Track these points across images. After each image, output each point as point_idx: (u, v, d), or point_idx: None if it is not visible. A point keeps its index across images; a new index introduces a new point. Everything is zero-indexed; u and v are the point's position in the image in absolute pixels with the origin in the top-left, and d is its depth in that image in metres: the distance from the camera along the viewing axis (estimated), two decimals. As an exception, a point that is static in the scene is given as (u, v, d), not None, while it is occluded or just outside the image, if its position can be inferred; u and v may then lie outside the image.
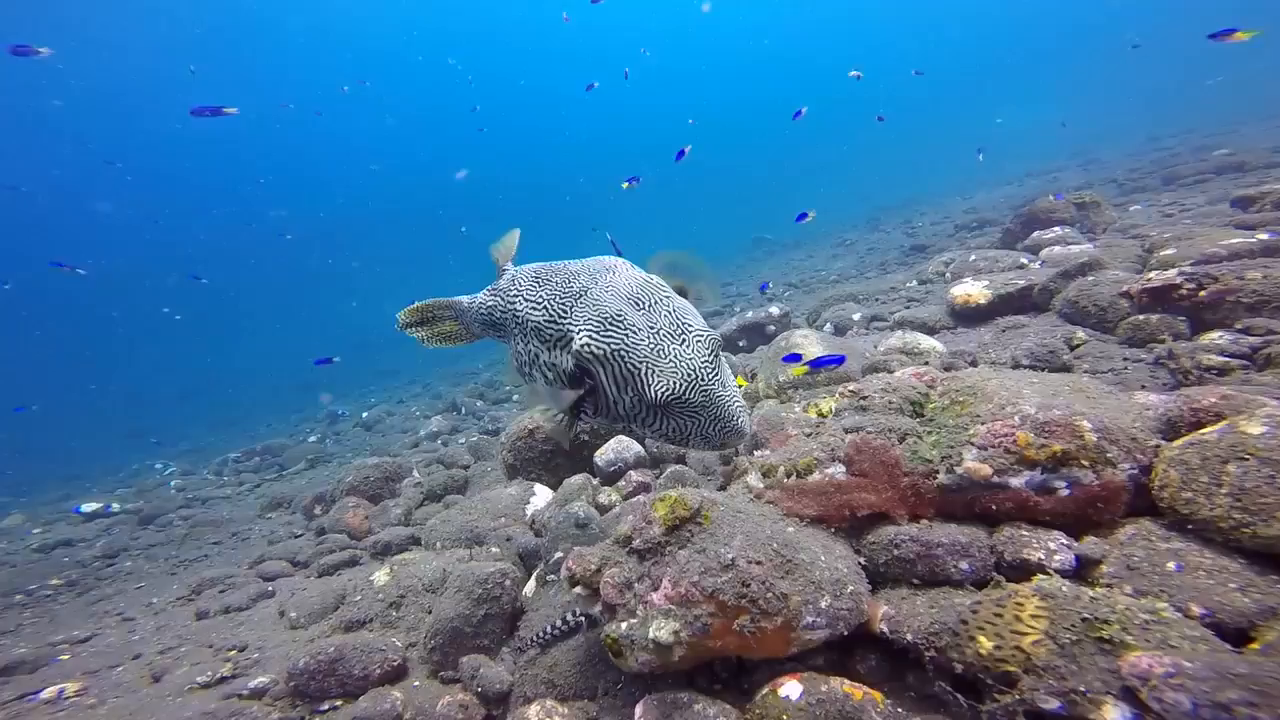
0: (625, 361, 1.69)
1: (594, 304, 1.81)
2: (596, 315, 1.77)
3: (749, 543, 1.77)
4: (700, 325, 1.78)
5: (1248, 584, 1.26)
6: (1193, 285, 2.75)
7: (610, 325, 1.73)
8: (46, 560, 5.58)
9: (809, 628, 1.63)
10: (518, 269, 2.22)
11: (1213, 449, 1.39)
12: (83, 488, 11.73)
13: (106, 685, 2.37)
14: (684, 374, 1.65)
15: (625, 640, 1.76)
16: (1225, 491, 1.31)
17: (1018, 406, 1.70)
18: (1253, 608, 1.23)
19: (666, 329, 1.72)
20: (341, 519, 4.22)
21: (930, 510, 1.78)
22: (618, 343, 1.70)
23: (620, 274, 1.91)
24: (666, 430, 1.75)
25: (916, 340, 4.07)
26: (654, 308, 1.78)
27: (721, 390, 1.70)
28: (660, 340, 1.70)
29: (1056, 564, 1.49)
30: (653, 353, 1.68)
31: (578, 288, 1.89)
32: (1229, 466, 1.33)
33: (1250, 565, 1.30)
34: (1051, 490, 1.58)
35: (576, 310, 1.83)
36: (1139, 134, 17.43)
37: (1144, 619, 1.18)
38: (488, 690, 2.04)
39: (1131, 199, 8.86)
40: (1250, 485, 1.29)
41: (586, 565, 1.94)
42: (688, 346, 1.70)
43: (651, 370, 1.66)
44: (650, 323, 1.73)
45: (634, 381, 1.69)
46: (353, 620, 2.43)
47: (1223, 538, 1.34)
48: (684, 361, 1.67)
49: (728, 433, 1.69)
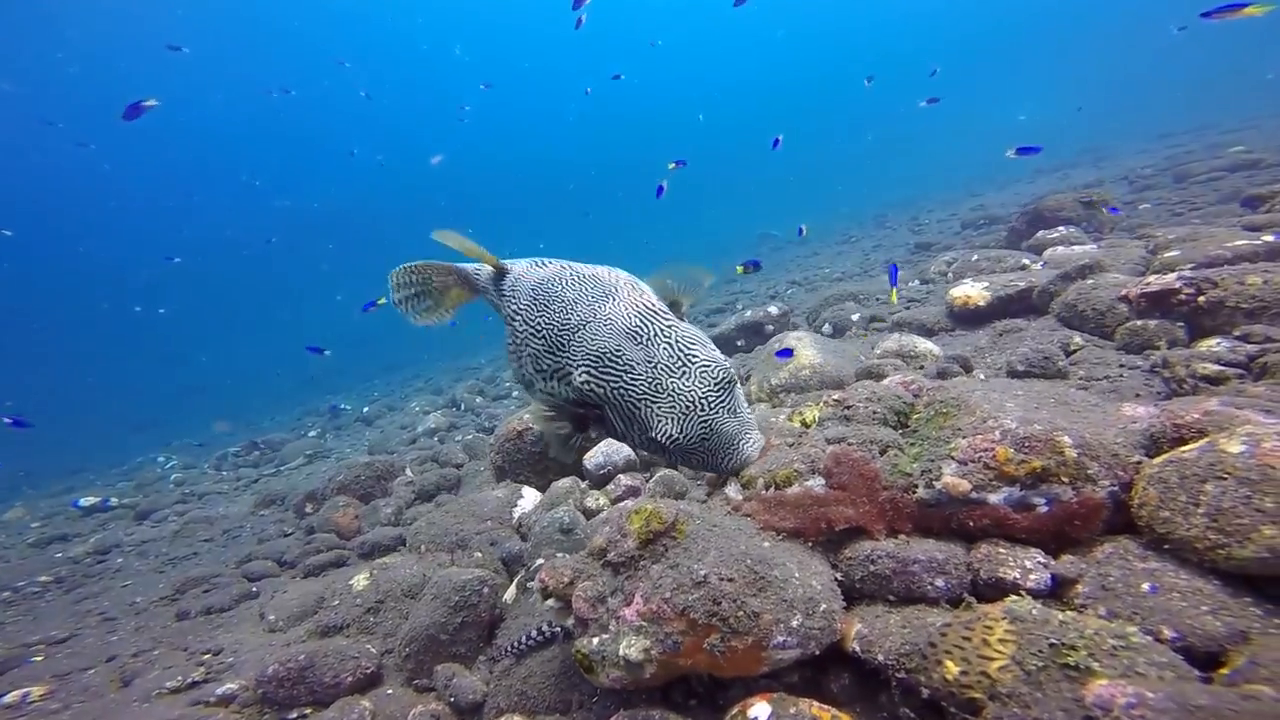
0: (625, 401, 1.71)
1: (590, 340, 1.79)
2: (594, 351, 1.76)
3: (722, 559, 1.73)
4: (706, 356, 1.76)
5: (1220, 606, 1.23)
6: (1191, 290, 2.67)
7: (608, 363, 1.74)
8: (40, 555, 5.62)
9: (780, 647, 1.59)
10: (518, 274, 2.17)
11: (1191, 467, 1.34)
12: (86, 480, 11.84)
13: (74, 689, 2.36)
14: (683, 413, 1.67)
15: (596, 656, 1.72)
16: (1202, 511, 1.26)
17: (999, 420, 1.65)
18: (1223, 631, 1.19)
19: (666, 363, 1.72)
20: (331, 518, 4.21)
21: (909, 525, 1.74)
22: (616, 382, 1.72)
23: (620, 302, 1.88)
24: (674, 460, 1.82)
25: (913, 343, 4.01)
26: (652, 341, 1.76)
27: (726, 421, 1.74)
28: (659, 375, 1.70)
29: (1032, 583, 1.45)
30: (651, 390, 1.69)
31: (575, 321, 1.87)
32: (1207, 486, 1.28)
33: (1224, 587, 1.26)
34: (1030, 507, 1.54)
35: (574, 345, 1.83)
36: (1152, 130, 17.18)
37: (1112, 644, 1.14)
38: (460, 700, 2.01)
39: (1142, 197, 8.72)
40: (1227, 505, 1.25)
41: (560, 577, 1.91)
42: (689, 380, 1.70)
43: (651, 411, 1.68)
44: (649, 357, 1.73)
45: (636, 420, 1.72)
46: (329, 625, 2.41)
47: (1198, 558, 1.30)
48: (683, 398, 1.68)
49: (732, 462, 1.81)
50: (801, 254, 16.74)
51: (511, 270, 2.22)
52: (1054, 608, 1.37)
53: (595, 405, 1.82)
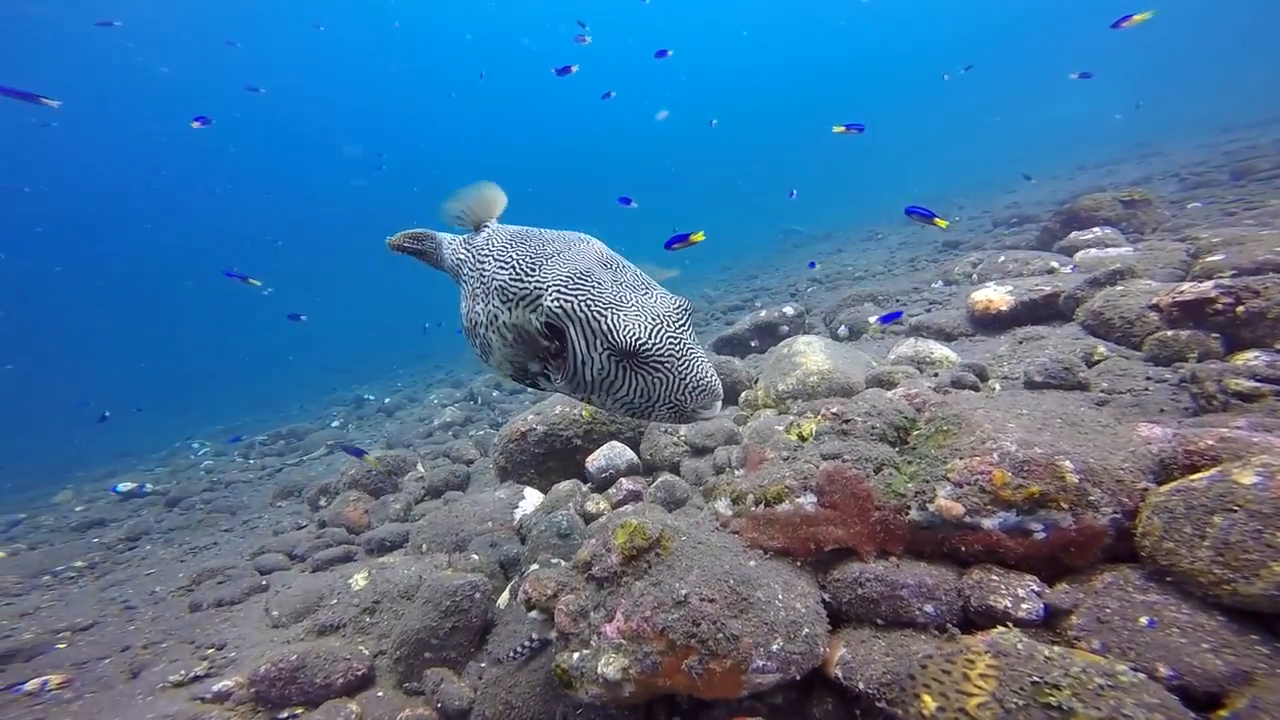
0: (592, 310, 1.63)
1: (563, 263, 1.78)
2: (565, 272, 1.74)
3: (705, 578, 1.69)
4: (662, 288, 1.75)
5: (1222, 644, 1.15)
6: (1230, 299, 2.51)
7: (578, 280, 1.70)
8: (79, 540, 5.88)
9: (759, 671, 1.54)
10: (497, 228, 2.17)
11: (1200, 497, 1.25)
12: (129, 465, 12.31)
13: (88, 679, 2.46)
14: (650, 319, 1.59)
15: (576, 672, 1.71)
16: (1208, 544, 1.18)
17: (998, 442, 1.57)
18: (1225, 671, 1.11)
19: (631, 284, 1.70)
20: (342, 512, 4.28)
21: (900, 547, 1.67)
22: (585, 294, 1.66)
23: (593, 244, 1.90)
24: (634, 394, 1.63)
25: (929, 348, 3.89)
26: (621, 269, 1.77)
27: (693, 345, 1.62)
28: (624, 291, 1.67)
29: (1024, 613, 1.38)
30: (618, 300, 1.64)
31: (550, 251, 1.87)
32: (1215, 518, 1.19)
33: (1228, 624, 1.18)
34: (1027, 533, 1.46)
35: (544, 268, 1.80)
36: (1215, 123, 16.23)
37: (1099, 684, 1.07)
38: (447, 706, 2.02)
39: (1192, 195, 8.28)
40: (1234, 539, 1.16)
41: (543, 590, 1.90)
42: (652, 298, 1.67)
43: (618, 315, 1.60)
44: (615, 278, 1.72)
45: (601, 330, 1.60)
46: (326, 624, 2.45)
47: (1202, 593, 1.21)
48: (650, 309, 1.62)
49: (700, 392, 1.56)
50: (825, 251, 16.43)
51: (487, 228, 2.24)
52: (1044, 640, 1.31)
53: (559, 337, 1.74)
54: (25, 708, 2.30)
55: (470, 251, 2.14)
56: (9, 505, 9.88)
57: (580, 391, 1.76)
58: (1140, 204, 6.96)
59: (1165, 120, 20.05)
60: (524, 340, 1.82)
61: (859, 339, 5.33)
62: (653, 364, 1.57)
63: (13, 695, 2.41)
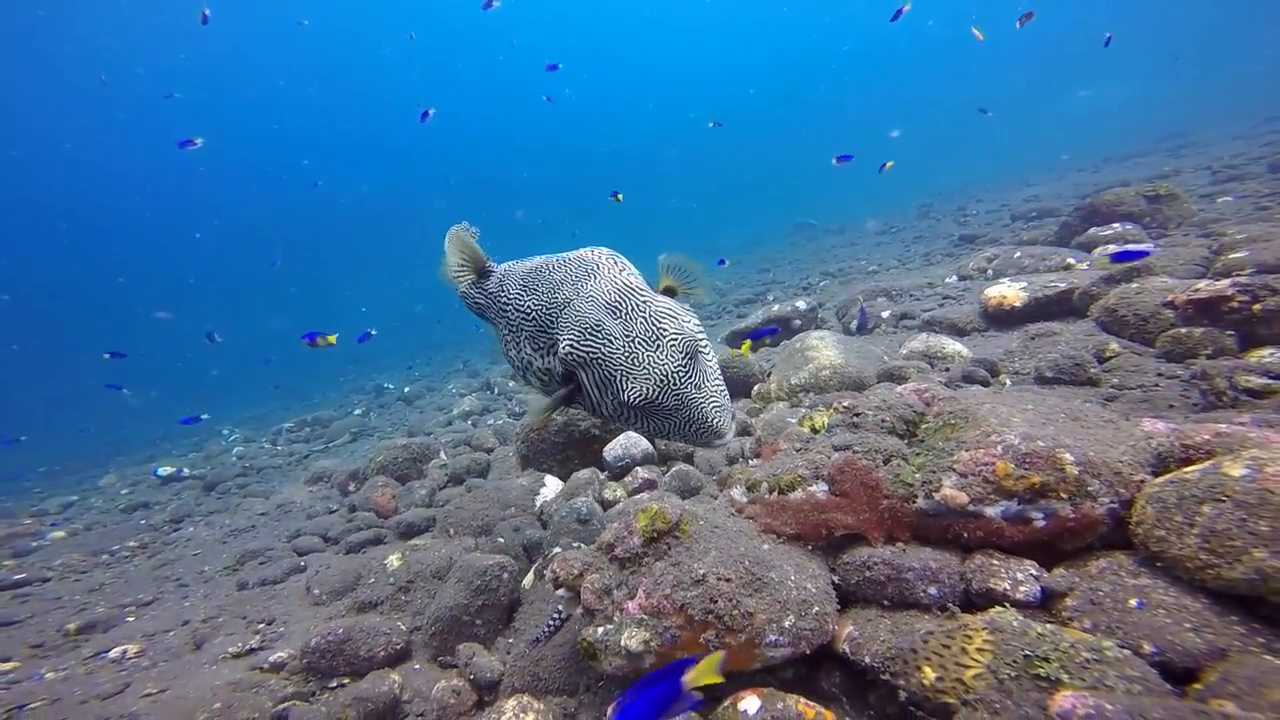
0: (602, 369, 1.86)
1: (575, 315, 1.96)
2: (578, 325, 1.93)
3: (721, 559, 1.81)
4: (675, 329, 1.87)
5: (1204, 624, 1.24)
6: (1247, 297, 2.55)
7: (589, 335, 1.89)
8: (128, 522, 6.21)
9: (772, 645, 1.66)
10: (504, 270, 2.34)
11: (1192, 488, 1.34)
12: (164, 450, 12.76)
13: (159, 649, 2.69)
14: (656, 381, 1.79)
15: (600, 645, 1.83)
16: (1196, 532, 1.27)
17: (1003, 436, 1.66)
18: (1203, 648, 1.21)
19: (641, 336, 1.85)
20: (371, 498, 4.47)
21: (906, 533, 1.77)
22: (596, 351, 1.87)
23: (601, 279, 2.02)
24: (648, 428, 1.90)
25: (941, 344, 3.95)
26: (630, 315, 1.90)
27: (695, 393, 1.83)
28: (635, 348, 1.83)
29: (1022, 595, 1.47)
30: (627, 360, 1.83)
31: (561, 299, 2.04)
32: (1204, 507, 1.28)
33: (1211, 606, 1.28)
34: (1027, 521, 1.55)
35: (561, 320, 2.00)
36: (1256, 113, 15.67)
37: (1086, 657, 1.17)
38: (479, 678, 2.17)
39: (1224, 189, 8.10)
40: (1221, 528, 1.25)
41: (570, 569, 2.03)
42: (661, 353, 1.82)
43: (625, 377, 1.81)
44: (626, 331, 1.86)
45: (611, 386, 1.85)
46: (366, 601, 2.61)
47: (1189, 577, 1.31)
48: (657, 369, 1.80)
49: (703, 433, 1.84)
50: (838, 244, 16.34)
51: (496, 269, 2.39)
52: (1040, 620, 1.40)
53: (574, 376, 1.98)
54: (113, 672, 2.55)
55: (488, 298, 2.35)
56: (61, 487, 10.41)
57: (606, 421, 2.06)
58: (1166, 199, 6.85)
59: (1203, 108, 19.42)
60: (555, 380, 2.09)
61: (872, 333, 5.39)
62: (660, 415, 1.84)
63: (101, 662, 2.67)
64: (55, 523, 6.57)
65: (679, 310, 1.96)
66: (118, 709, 2.21)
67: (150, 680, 2.37)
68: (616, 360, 1.84)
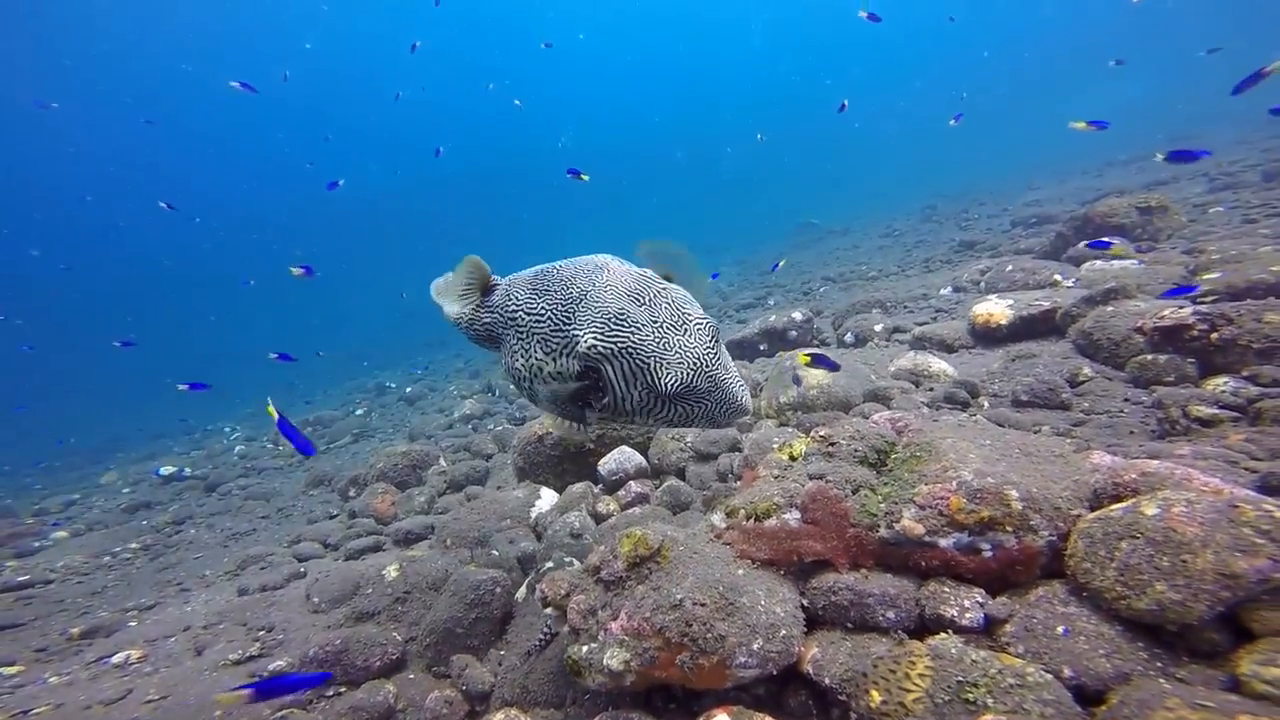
0: (634, 358, 1.80)
1: (596, 305, 1.87)
2: (600, 316, 1.84)
3: (698, 584, 1.93)
4: (698, 314, 1.87)
5: (1115, 650, 1.37)
6: (1205, 326, 2.65)
7: (615, 324, 1.82)
8: (130, 522, 6.35)
9: (741, 666, 1.78)
10: (509, 281, 2.19)
11: (1114, 525, 1.48)
12: (165, 447, 12.90)
13: (160, 655, 2.80)
14: (690, 364, 1.77)
15: (585, 662, 1.96)
16: (1114, 565, 1.41)
17: (958, 471, 1.78)
18: (1111, 672, 1.34)
19: (669, 322, 1.82)
20: (370, 504, 4.60)
21: (870, 561, 1.89)
22: (625, 340, 1.80)
23: (614, 271, 1.94)
24: (674, 417, 1.88)
25: (927, 362, 4.05)
26: (654, 301, 1.86)
27: (725, 374, 1.84)
28: (665, 334, 1.80)
29: (967, 621, 1.60)
30: (659, 346, 1.79)
31: (576, 292, 1.93)
32: (1122, 543, 1.41)
33: (1124, 633, 1.40)
34: (977, 551, 1.68)
35: (579, 314, 1.89)
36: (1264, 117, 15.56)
37: (1010, 683, 1.30)
38: (471, 689, 2.29)
39: (1218, 198, 8.14)
40: (1133, 563, 1.39)
41: (558, 589, 2.15)
42: (690, 336, 1.81)
43: (660, 364, 1.78)
44: (653, 317, 1.82)
45: (644, 375, 1.79)
46: (363, 611, 2.74)
47: (1107, 607, 1.44)
48: (689, 352, 1.78)
49: (732, 412, 1.87)
50: (842, 246, 16.39)
51: (500, 282, 2.24)
52: (981, 645, 1.53)
53: (595, 374, 1.88)
54: (115, 678, 2.67)
55: (495, 314, 2.17)
56: (62, 484, 10.54)
57: (620, 418, 1.94)
58: (1157, 210, 6.92)
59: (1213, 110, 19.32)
60: (567, 381, 1.95)
61: (865, 346, 5.49)
62: (692, 400, 1.81)
63: (104, 667, 2.78)
64: (57, 522, 6.71)
65: (691, 298, 1.94)
66: (120, 715, 2.33)
67: (152, 686, 2.48)
68: (648, 348, 1.78)
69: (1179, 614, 1.26)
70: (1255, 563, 1.22)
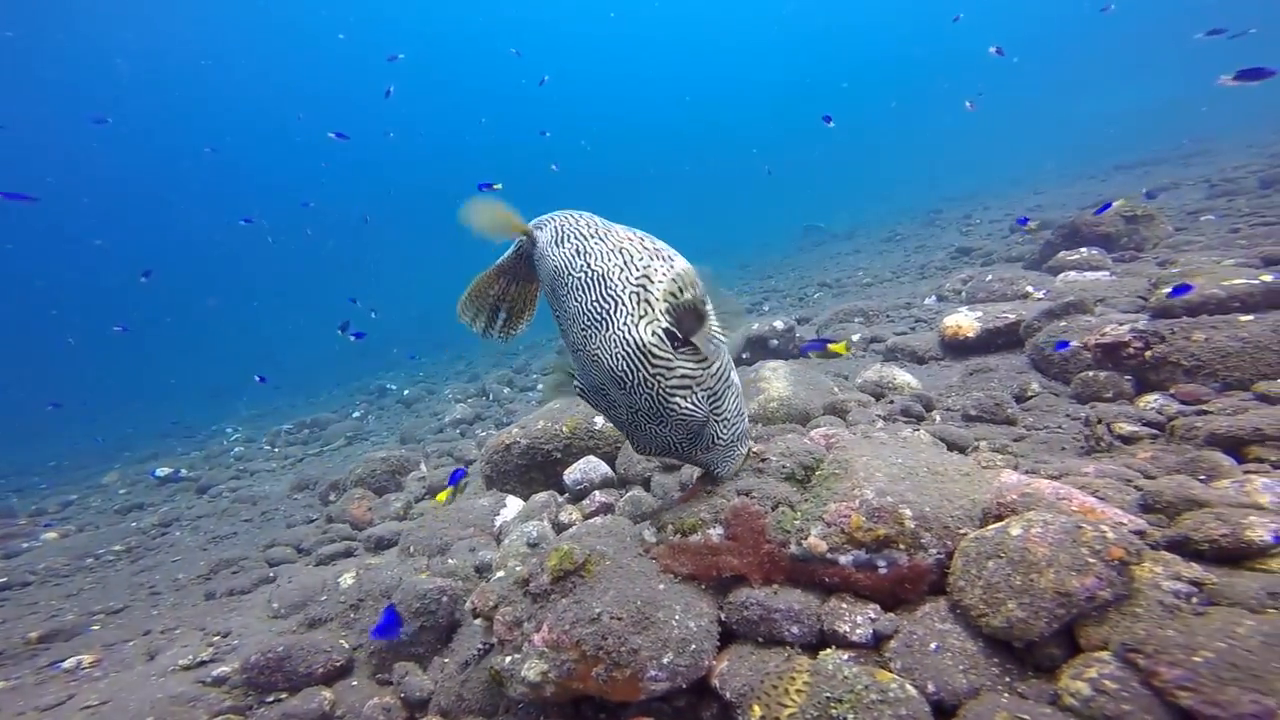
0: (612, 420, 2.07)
1: (583, 367, 2.04)
2: (585, 380, 2.06)
3: (618, 598, 1.98)
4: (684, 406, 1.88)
5: (972, 666, 1.43)
6: (1140, 344, 2.67)
7: (596, 394, 2.04)
8: (120, 523, 6.47)
9: (653, 679, 1.83)
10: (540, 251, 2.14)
11: (986, 544, 1.54)
12: (170, 447, 13.08)
13: (115, 660, 2.87)
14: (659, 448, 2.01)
15: (506, 673, 2.02)
16: (980, 584, 1.47)
17: (862, 490, 1.83)
18: (965, 688, 1.39)
19: (646, 412, 1.93)
20: (347, 509, 4.69)
21: (781, 576, 1.94)
22: (604, 409, 2.05)
23: (612, 331, 1.88)
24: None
25: (892, 375, 4.08)
26: (635, 391, 1.88)
27: (698, 455, 2.06)
28: (639, 420, 1.97)
29: (857, 637, 1.65)
30: (630, 425, 2.01)
31: (573, 340, 2.00)
32: (989, 562, 1.47)
33: (985, 649, 1.46)
34: (873, 568, 1.73)
35: (575, 360, 2.09)
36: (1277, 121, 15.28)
37: (872, 698, 1.35)
38: (410, 696, 2.36)
39: (1212, 206, 8.09)
40: (994, 581, 1.45)
41: (486, 600, 2.21)
42: (665, 427, 1.95)
43: (632, 435, 2.02)
44: (631, 404, 1.93)
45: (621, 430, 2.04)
46: (316, 618, 2.81)
47: (972, 624, 1.50)
48: (660, 438, 1.98)
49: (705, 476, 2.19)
50: (843, 251, 16.39)
51: (539, 242, 2.17)
52: (867, 661, 1.58)
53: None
54: (62, 683, 2.74)
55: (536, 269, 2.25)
56: (65, 484, 10.72)
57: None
58: (1143, 219, 6.91)
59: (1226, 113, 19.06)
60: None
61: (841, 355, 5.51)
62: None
63: (53, 672, 2.86)
64: (49, 523, 6.82)
65: (693, 374, 1.91)
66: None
67: (95, 692, 2.52)
68: (622, 423, 2.01)
69: (1023, 631, 1.32)
70: (1085, 581, 1.27)
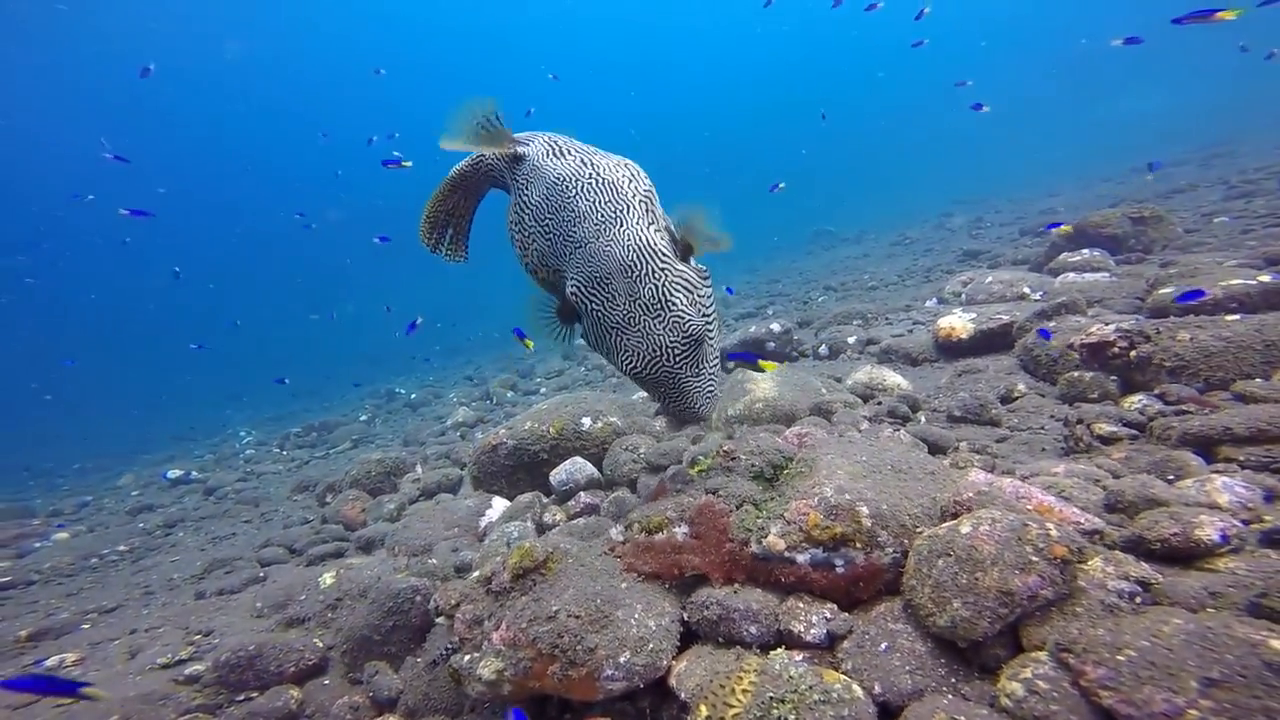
0: (600, 324, 1.87)
1: (588, 260, 1.90)
2: (587, 271, 1.89)
3: (577, 597, 1.96)
4: (684, 305, 1.84)
5: (919, 667, 1.39)
6: (1125, 344, 2.60)
7: (595, 286, 1.87)
8: (129, 524, 6.59)
9: (609, 679, 1.81)
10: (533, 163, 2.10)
11: (938, 543, 1.50)
12: (186, 449, 13.32)
13: (97, 658, 2.91)
14: (647, 353, 1.82)
15: (464, 671, 2.01)
16: (930, 583, 1.43)
17: (823, 488, 1.80)
18: (909, 689, 1.36)
19: (648, 303, 1.83)
20: (341, 510, 4.73)
21: (742, 576, 1.91)
22: (597, 306, 1.87)
23: (626, 228, 1.90)
24: (639, 382, 1.94)
25: (882, 376, 4.03)
26: (640, 279, 1.84)
27: (687, 374, 1.86)
28: (636, 314, 1.83)
29: (811, 637, 1.62)
30: (624, 322, 1.84)
31: (579, 236, 1.94)
32: (939, 561, 1.43)
33: (932, 650, 1.42)
34: (830, 567, 1.69)
35: (574, 259, 1.95)
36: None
37: (815, 699, 1.32)
38: (379, 695, 2.36)
39: (1228, 208, 7.90)
40: (943, 580, 1.41)
41: (449, 599, 2.21)
42: (661, 323, 1.83)
43: (620, 341, 1.84)
44: (631, 292, 1.84)
45: (605, 343, 1.89)
46: (294, 617, 2.83)
47: (921, 623, 1.46)
48: (652, 339, 1.82)
49: (684, 412, 1.93)
50: (852, 254, 16.27)
51: (528, 156, 2.15)
52: (820, 661, 1.54)
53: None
54: None
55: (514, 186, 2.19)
56: (82, 486, 10.97)
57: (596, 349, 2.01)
58: (1150, 220, 6.78)
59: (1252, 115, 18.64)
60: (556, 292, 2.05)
61: (837, 359, 5.46)
62: (648, 385, 1.88)
63: (37, 669, 2.90)
64: (62, 524, 6.97)
65: (695, 283, 1.91)
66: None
67: None
68: (612, 321, 1.83)
69: (967, 630, 1.28)
70: (1027, 580, 1.23)
